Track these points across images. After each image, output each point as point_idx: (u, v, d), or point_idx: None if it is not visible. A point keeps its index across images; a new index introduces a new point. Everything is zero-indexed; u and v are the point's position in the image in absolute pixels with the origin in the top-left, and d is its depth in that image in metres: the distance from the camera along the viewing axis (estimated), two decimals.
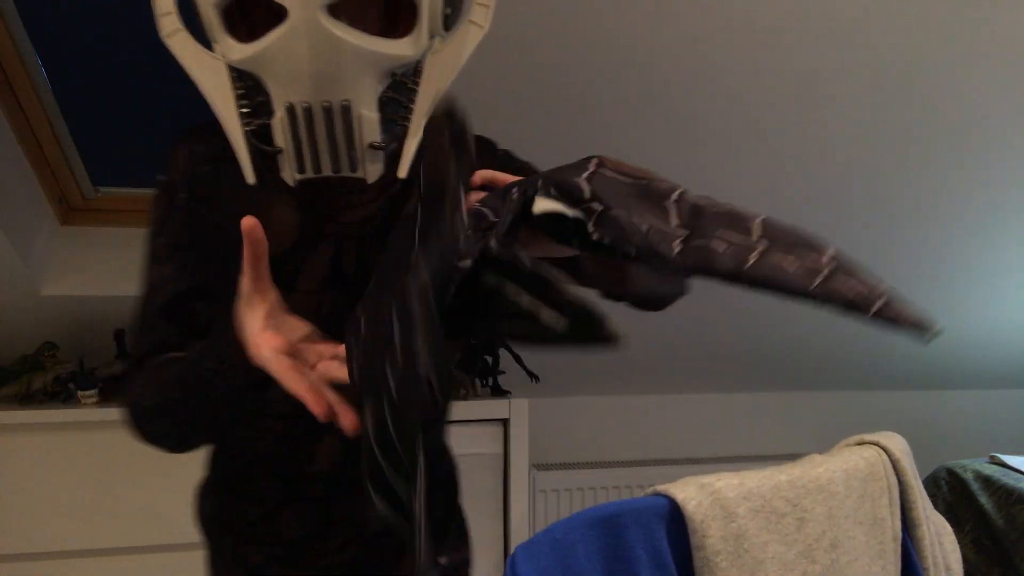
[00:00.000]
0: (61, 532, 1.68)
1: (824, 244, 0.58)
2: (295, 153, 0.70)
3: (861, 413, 2.54)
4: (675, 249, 0.59)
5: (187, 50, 0.74)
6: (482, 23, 0.76)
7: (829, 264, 0.57)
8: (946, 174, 1.81)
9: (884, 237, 1.96)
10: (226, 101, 0.73)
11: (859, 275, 0.57)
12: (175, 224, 0.83)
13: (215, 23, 0.71)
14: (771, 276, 0.56)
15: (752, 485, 0.80)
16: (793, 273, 0.56)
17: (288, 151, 0.70)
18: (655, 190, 0.66)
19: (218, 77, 0.73)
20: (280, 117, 0.69)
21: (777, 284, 0.56)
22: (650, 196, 0.65)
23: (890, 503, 0.91)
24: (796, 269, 0.56)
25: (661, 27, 1.43)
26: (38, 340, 1.82)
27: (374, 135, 0.70)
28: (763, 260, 0.57)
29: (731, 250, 0.58)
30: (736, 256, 0.58)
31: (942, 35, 1.49)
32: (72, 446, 1.68)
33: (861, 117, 1.64)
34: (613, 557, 0.72)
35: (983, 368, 2.53)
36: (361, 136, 0.70)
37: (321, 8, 0.65)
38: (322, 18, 0.65)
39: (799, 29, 1.45)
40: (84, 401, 1.70)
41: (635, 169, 0.69)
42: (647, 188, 0.66)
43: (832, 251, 0.57)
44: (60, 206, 1.74)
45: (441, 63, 0.75)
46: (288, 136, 0.69)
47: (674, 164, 1.69)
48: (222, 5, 0.70)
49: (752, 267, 0.57)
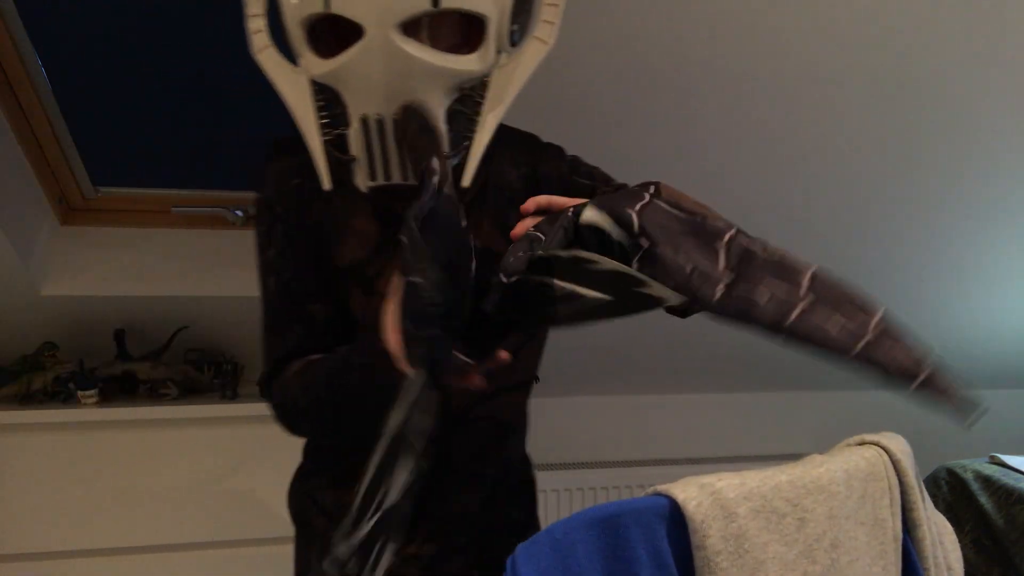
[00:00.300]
0: (61, 532, 1.68)
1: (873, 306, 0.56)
2: (367, 161, 0.75)
3: (861, 413, 2.54)
4: (718, 294, 0.59)
5: (274, 65, 0.79)
6: (547, 40, 0.80)
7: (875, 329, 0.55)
8: (946, 174, 1.81)
9: (884, 237, 1.96)
10: (306, 112, 0.78)
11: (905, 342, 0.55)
12: (279, 236, 0.88)
13: (300, 39, 0.75)
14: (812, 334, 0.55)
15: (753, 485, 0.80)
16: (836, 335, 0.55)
17: (361, 159, 0.75)
18: (708, 229, 0.65)
19: (300, 90, 0.78)
20: (355, 128, 0.74)
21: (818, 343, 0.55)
22: (702, 234, 0.65)
23: (891, 503, 0.91)
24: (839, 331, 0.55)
25: (661, 27, 1.43)
26: (38, 340, 1.82)
27: (442, 145, 0.75)
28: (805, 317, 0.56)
29: (774, 302, 0.57)
30: (778, 309, 0.57)
31: (942, 35, 1.49)
32: (72, 446, 1.68)
33: (861, 118, 1.64)
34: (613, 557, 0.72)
35: (983, 368, 2.53)
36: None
37: (395, 27, 0.69)
38: (395, 36, 0.69)
39: (799, 29, 1.45)
40: (84, 401, 1.70)
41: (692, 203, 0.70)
42: (700, 226, 0.66)
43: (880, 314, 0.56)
44: (60, 206, 1.74)
45: (506, 78, 0.78)
46: (361, 145, 0.74)
47: (674, 164, 1.69)
48: (306, 23, 0.74)
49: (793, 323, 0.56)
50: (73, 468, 1.68)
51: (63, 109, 1.60)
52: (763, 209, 1.83)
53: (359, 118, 0.74)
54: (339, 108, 0.76)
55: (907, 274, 2.09)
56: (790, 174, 1.75)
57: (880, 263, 2.04)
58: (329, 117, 0.78)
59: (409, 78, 0.72)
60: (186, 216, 1.80)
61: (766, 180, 1.76)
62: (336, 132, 0.77)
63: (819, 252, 1.98)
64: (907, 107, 1.63)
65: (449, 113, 0.76)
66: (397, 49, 0.70)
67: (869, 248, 1.99)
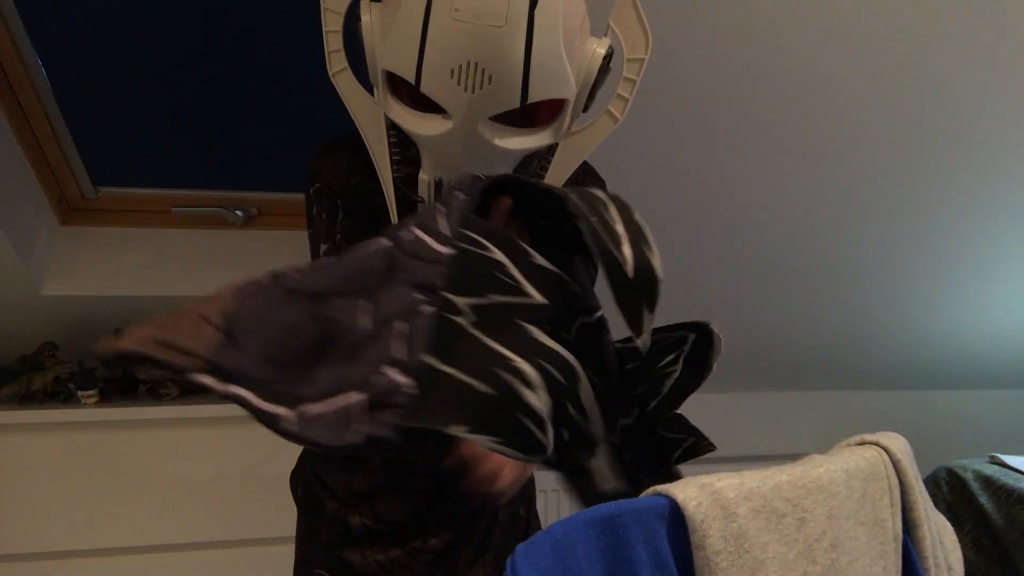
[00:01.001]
0: (61, 532, 1.68)
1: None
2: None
3: (861, 413, 2.54)
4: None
5: (350, 90, 0.80)
6: (619, 115, 0.82)
7: None
8: (946, 173, 1.81)
9: (884, 237, 1.96)
10: (381, 146, 0.79)
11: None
12: (341, 218, 0.88)
13: (382, 81, 0.75)
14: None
15: (753, 485, 0.80)
16: None
17: (428, 205, 0.76)
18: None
19: (376, 123, 0.79)
20: (427, 181, 0.75)
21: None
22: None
23: (891, 503, 0.91)
24: None
25: (660, 27, 1.43)
26: (38, 340, 1.82)
27: None
28: None
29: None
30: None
31: (942, 34, 1.49)
32: (72, 446, 1.68)
33: (861, 117, 1.64)
34: (613, 557, 0.72)
35: (983, 368, 2.53)
36: None
37: (483, 120, 0.70)
38: (481, 127, 0.71)
39: (799, 28, 1.45)
40: (84, 401, 1.70)
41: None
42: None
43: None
44: (60, 206, 1.74)
45: (574, 146, 0.81)
46: (430, 198, 0.76)
47: (673, 164, 1.69)
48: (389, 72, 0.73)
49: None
50: (73, 468, 1.68)
51: (63, 109, 1.60)
52: (762, 209, 1.83)
53: (432, 177, 0.75)
54: (411, 151, 0.77)
55: (907, 274, 2.09)
56: (789, 174, 1.75)
57: (880, 263, 2.04)
58: (400, 156, 0.79)
59: (487, 160, 0.74)
60: (186, 216, 1.80)
61: (766, 180, 1.76)
62: (406, 171, 0.79)
63: (818, 252, 1.98)
64: (907, 107, 1.63)
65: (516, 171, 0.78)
66: (480, 139, 0.71)
67: (869, 248, 1.99)
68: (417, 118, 0.73)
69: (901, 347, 2.36)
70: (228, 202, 1.80)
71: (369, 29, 0.73)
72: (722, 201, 1.80)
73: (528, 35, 0.67)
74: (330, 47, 0.79)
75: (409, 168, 0.78)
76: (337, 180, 0.88)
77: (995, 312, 2.28)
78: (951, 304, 2.22)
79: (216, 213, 1.80)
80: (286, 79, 1.68)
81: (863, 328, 2.27)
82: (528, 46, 0.67)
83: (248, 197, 1.82)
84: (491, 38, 0.66)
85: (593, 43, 0.77)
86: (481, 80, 0.67)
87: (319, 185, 0.89)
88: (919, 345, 2.36)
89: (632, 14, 0.79)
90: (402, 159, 0.79)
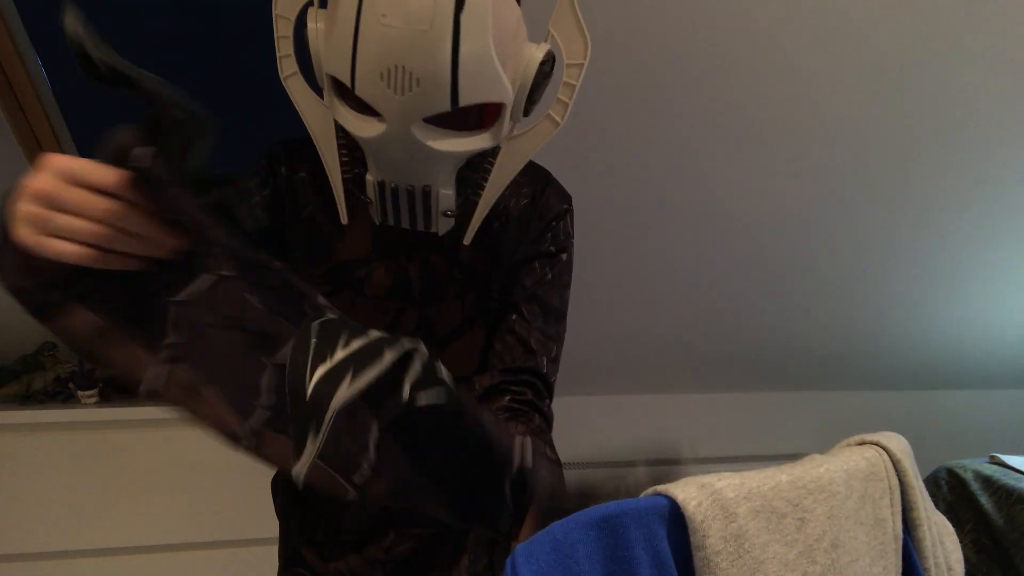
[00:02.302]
0: (61, 532, 1.68)
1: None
2: (380, 209, 0.80)
3: (861, 413, 2.54)
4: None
5: (301, 94, 0.82)
6: (559, 120, 0.83)
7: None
8: (945, 174, 1.81)
9: (883, 238, 1.96)
10: (330, 147, 0.82)
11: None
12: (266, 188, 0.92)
13: (327, 85, 0.78)
14: None
15: (753, 485, 0.80)
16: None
17: (375, 206, 0.80)
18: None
19: (325, 125, 0.82)
20: (372, 183, 0.78)
21: None
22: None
23: (891, 503, 0.91)
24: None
25: (659, 26, 1.43)
26: (38, 340, 1.82)
27: (449, 205, 0.80)
28: None
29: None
30: None
31: (940, 35, 1.49)
32: (72, 446, 1.68)
33: (859, 118, 1.64)
34: (613, 557, 0.72)
35: (983, 368, 2.53)
36: (437, 207, 0.80)
37: (415, 122, 0.72)
38: (415, 129, 0.72)
39: (797, 29, 1.45)
40: (84, 401, 1.70)
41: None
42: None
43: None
44: None
45: (515, 150, 0.83)
46: (377, 199, 0.79)
47: (672, 164, 1.69)
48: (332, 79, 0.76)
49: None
50: (73, 468, 1.68)
51: (63, 109, 1.60)
52: (759, 211, 1.83)
53: (376, 179, 0.78)
54: (359, 153, 0.79)
55: (906, 274, 2.09)
56: (788, 176, 1.75)
57: (879, 264, 2.04)
58: (349, 157, 0.82)
59: (424, 162, 0.75)
60: None
61: (764, 181, 1.76)
62: (355, 172, 0.82)
63: (818, 253, 1.98)
64: (905, 109, 1.63)
65: (458, 177, 0.80)
66: (415, 140, 0.73)
67: (868, 249, 1.99)
68: (358, 120, 0.75)
69: (901, 347, 2.36)
70: None
71: (315, 35, 0.76)
72: (722, 203, 1.80)
73: (455, 39, 0.68)
74: (281, 52, 0.82)
75: (357, 169, 0.81)
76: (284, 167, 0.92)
77: (995, 312, 2.28)
78: (951, 304, 2.22)
79: None
80: None
81: (863, 328, 2.27)
82: (455, 50, 0.69)
83: None
84: (417, 42, 0.68)
85: (531, 48, 0.78)
86: (409, 83, 0.69)
87: (265, 160, 0.93)
88: (919, 345, 2.37)
89: (571, 19, 0.79)
90: (351, 160, 0.82)
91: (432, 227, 0.81)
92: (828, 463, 0.88)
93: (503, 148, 0.82)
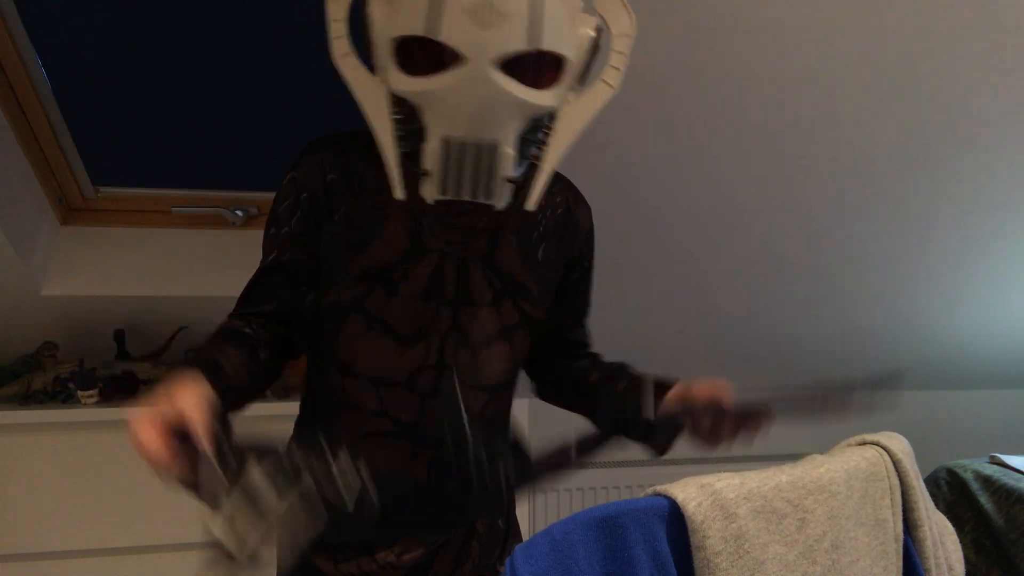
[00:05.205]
0: (61, 532, 1.68)
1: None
2: (441, 177, 0.80)
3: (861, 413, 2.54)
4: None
5: (354, 72, 0.84)
6: (614, 84, 0.87)
7: None
8: (945, 175, 1.81)
9: (883, 238, 1.96)
10: (383, 123, 0.83)
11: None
12: (296, 218, 0.93)
13: (387, 54, 0.80)
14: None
15: (753, 485, 0.80)
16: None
17: (435, 175, 0.80)
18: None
19: (378, 101, 0.83)
20: (434, 146, 0.79)
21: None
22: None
23: (892, 504, 0.91)
24: None
25: (659, 26, 1.43)
26: (38, 340, 1.82)
27: (510, 170, 0.81)
28: None
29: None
30: None
31: (941, 36, 1.49)
32: (72, 446, 1.68)
33: (861, 119, 1.64)
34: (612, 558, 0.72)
35: (983, 368, 2.53)
36: (501, 170, 0.80)
37: (494, 61, 0.75)
38: (493, 70, 0.76)
39: (798, 29, 1.45)
40: (84, 401, 1.70)
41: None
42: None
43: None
44: (60, 206, 1.73)
45: (573, 114, 0.86)
46: (438, 163, 0.80)
47: (672, 165, 1.69)
48: (398, 41, 0.79)
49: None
50: (73, 468, 1.68)
51: (63, 109, 1.60)
52: (759, 209, 1.83)
53: (441, 138, 0.79)
54: (415, 124, 0.81)
55: (906, 274, 2.09)
56: (789, 175, 1.75)
57: (880, 263, 2.04)
58: (403, 132, 0.83)
59: (498, 110, 0.78)
60: (186, 216, 1.80)
61: (763, 180, 1.76)
62: (410, 147, 0.83)
63: (818, 253, 1.98)
64: (907, 108, 1.63)
65: (520, 140, 0.82)
66: (494, 83, 0.76)
67: (867, 249, 1.99)
68: (428, 80, 0.77)
69: (901, 347, 2.36)
70: (228, 202, 1.80)
71: (374, 6, 0.79)
72: (723, 203, 1.80)
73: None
74: (334, 34, 0.82)
75: (413, 143, 0.82)
76: (311, 177, 0.92)
77: (995, 312, 2.28)
78: (951, 304, 2.22)
79: (216, 213, 1.80)
80: (286, 79, 1.68)
81: (863, 328, 2.27)
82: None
83: (248, 197, 1.82)
84: None
85: (584, 17, 0.84)
86: (496, 18, 0.73)
87: (293, 174, 0.94)
88: (919, 345, 2.36)
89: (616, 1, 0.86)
90: (405, 135, 0.83)
91: (493, 196, 0.82)
92: (828, 463, 0.88)
93: (562, 112, 0.85)
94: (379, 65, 0.82)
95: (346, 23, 0.82)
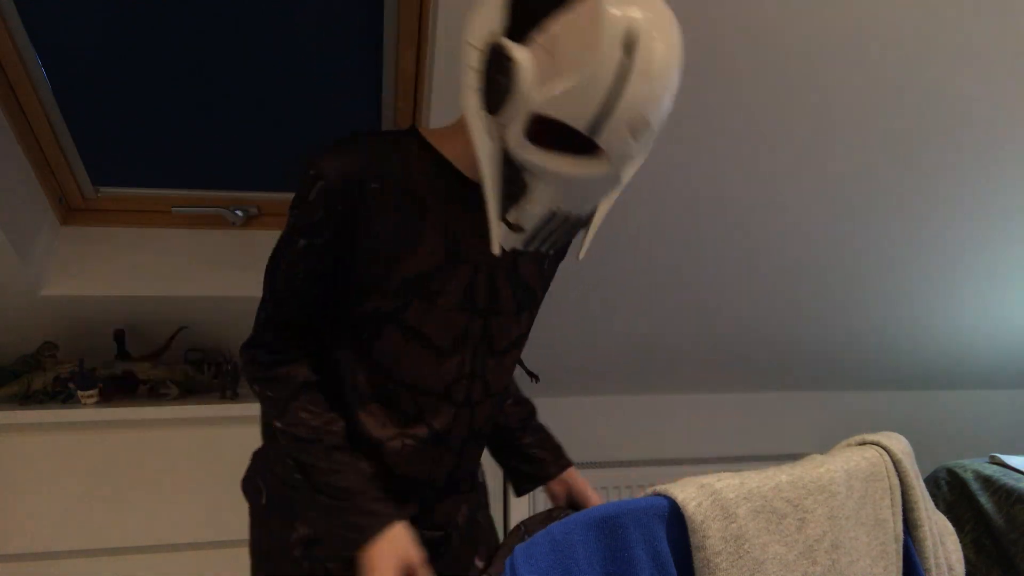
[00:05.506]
0: (61, 532, 1.68)
1: None
2: (531, 237, 0.83)
3: (861, 413, 2.54)
4: None
5: (479, 125, 0.84)
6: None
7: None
8: (944, 174, 1.81)
9: (882, 239, 1.96)
10: (495, 179, 0.84)
11: None
12: (320, 231, 0.89)
13: (520, 117, 0.77)
14: None
15: (753, 485, 0.80)
16: None
17: (527, 234, 0.83)
18: None
19: (493, 156, 0.83)
20: (537, 212, 0.81)
21: None
22: None
23: (892, 504, 0.91)
24: None
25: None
26: (38, 340, 1.82)
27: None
28: None
29: None
30: None
31: (939, 36, 1.49)
32: (72, 446, 1.68)
33: (859, 118, 1.64)
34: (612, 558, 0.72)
35: (983, 368, 2.53)
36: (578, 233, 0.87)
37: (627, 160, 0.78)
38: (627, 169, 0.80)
39: (798, 30, 1.45)
40: (84, 401, 1.70)
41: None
42: None
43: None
44: (60, 206, 1.74)
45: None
46: (535, 225, 0.82)
47: (671, 165, 1.69)
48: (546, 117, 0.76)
49: None
50: (73, 468, 1.68)
51: (63, 109, 1.60)
52: (758, 212, 1.83)
53: (549, 208, 0.81)
54: (516, 187, 0.82)
55: (906, 274, 2.09)
56: (788, 175, 1.75)
57: (879, 263, 2.04)
58: (507, 190, 0.84)
59: (607, 192, 0.83)
60: (186, 216, 1.80)
61: (763, 182, 1.76)
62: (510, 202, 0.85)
63: (818, 253, 1.98)
64: (905, 108, 1.63)
65: None
66: (617, 177, 0.80)
67: (868, 248, 1.99)
68: (559, 160, 0.77)
69: (901, 347, 2.36)
70: (228, 202, 1.80)
71: (525, 70, 0.74)
72: (721, 202, 1.80)
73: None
74: (471, 84, 0.81)
75: (513, 200, 0.83)
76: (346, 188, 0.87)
77: (995, 312, 2.28)
78: (951, 304, 2.22)
79: (216, 213, 1.80)
80: (286, 79, 1.68)
81: (863, 328, 2.27)
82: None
83: (248, 197, 1.82)
84: (667, 98, 0.76)
85: None
86: (646, 134, 0.76)
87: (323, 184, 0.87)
88: (919, 345, 2.36)
89: None
90: (508, 193, 0.84)
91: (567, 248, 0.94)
92: (828, 463, 0.88)
93: None
94: (498, 113, 0.78)
95: (483, 74, 0.79)
